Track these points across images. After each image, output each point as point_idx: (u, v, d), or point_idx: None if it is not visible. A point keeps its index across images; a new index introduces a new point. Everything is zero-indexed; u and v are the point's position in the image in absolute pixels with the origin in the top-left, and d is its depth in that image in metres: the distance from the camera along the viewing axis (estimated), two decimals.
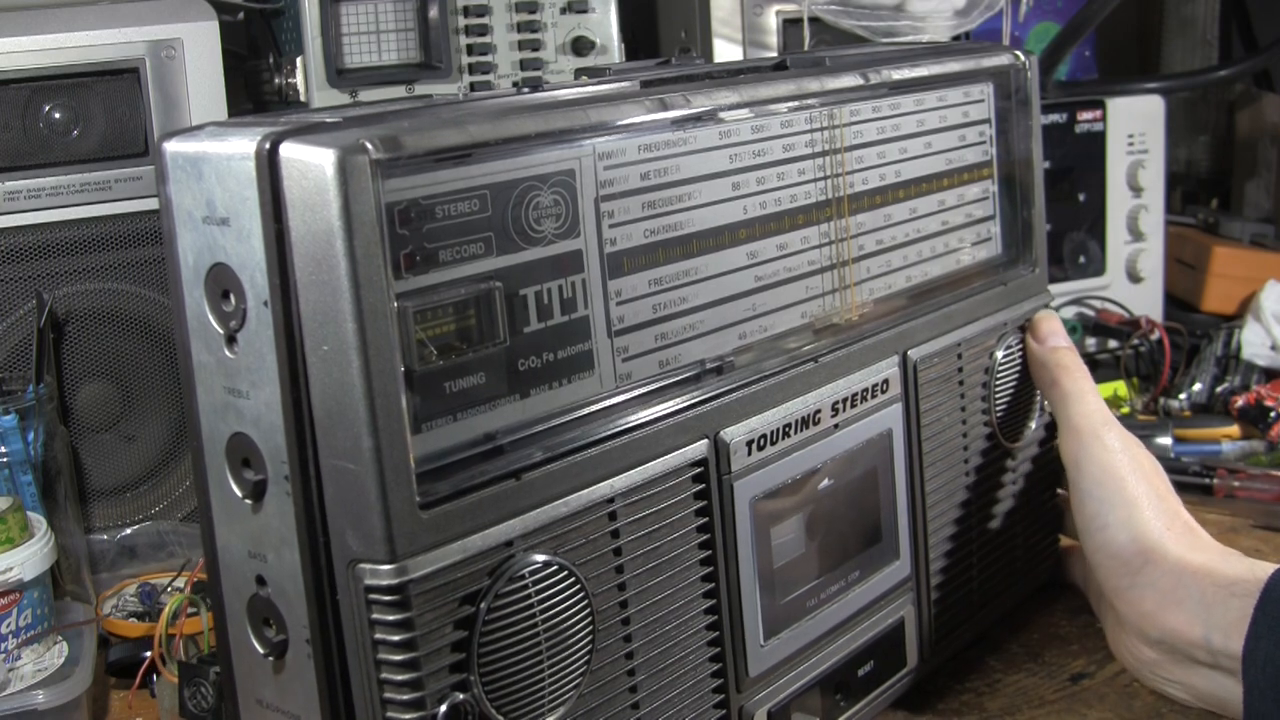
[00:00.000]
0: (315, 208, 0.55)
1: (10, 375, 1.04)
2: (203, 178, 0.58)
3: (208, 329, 0.60)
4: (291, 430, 0.57)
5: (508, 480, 0.61)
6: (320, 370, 0.56)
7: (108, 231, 1.07)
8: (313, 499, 0.58)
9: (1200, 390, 1.36)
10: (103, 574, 1.07)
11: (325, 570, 0.58)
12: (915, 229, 0.85)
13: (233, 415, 0.60)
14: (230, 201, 0.57)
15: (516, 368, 0.62)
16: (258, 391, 0.58)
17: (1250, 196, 1.67)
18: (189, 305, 0.61)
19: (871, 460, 0.81)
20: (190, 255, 0.60)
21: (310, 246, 0.55)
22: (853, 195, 0.80)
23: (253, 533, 0.61)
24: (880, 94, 0.82)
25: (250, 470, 0.60)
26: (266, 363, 0.58)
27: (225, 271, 0.58)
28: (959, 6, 1.30)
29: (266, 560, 0.60)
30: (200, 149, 0.58)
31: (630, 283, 0.67)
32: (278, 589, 0.60)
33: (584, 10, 1.19)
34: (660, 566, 0.68)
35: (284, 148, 0.55)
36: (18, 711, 0.82)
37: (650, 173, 0.68)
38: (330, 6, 1.11)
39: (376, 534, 0.56)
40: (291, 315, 0.56)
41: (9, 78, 1.04)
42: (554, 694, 0.62)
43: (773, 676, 0.75)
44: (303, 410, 0.57)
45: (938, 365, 0.85)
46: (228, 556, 0.62)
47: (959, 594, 0.89)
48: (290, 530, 0.59)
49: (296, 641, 0.60)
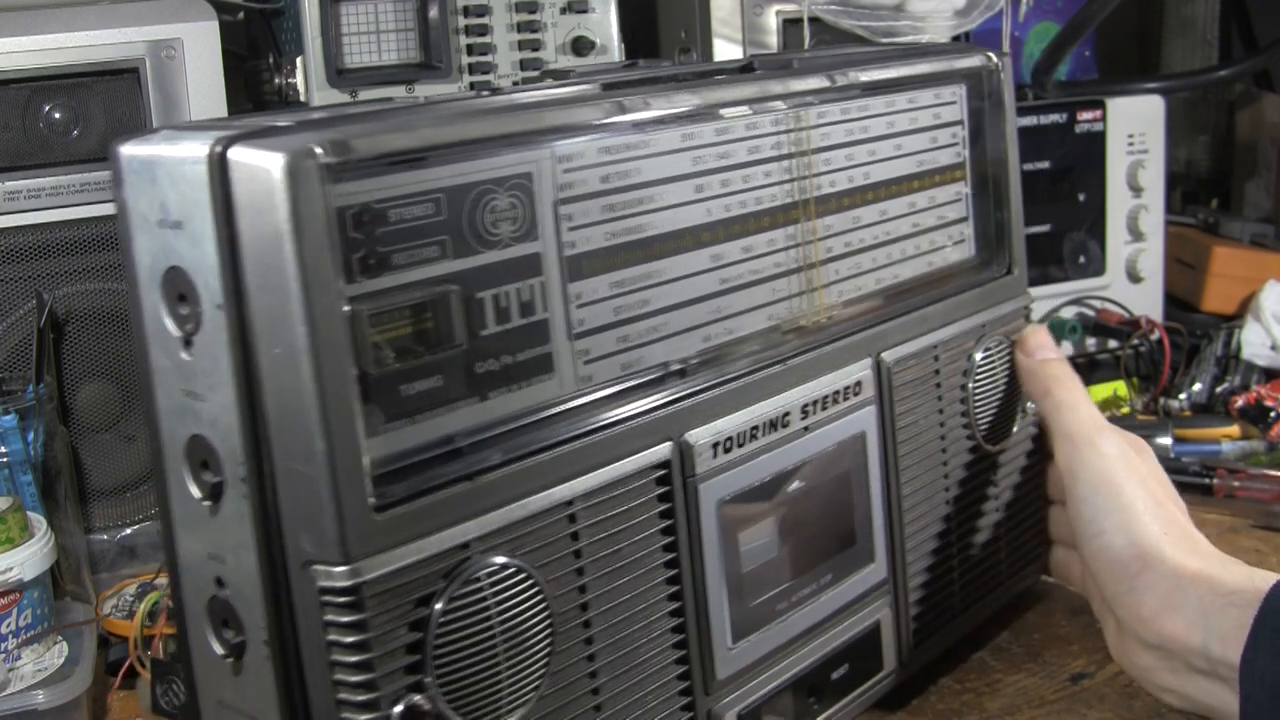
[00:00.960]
0: (264, 211, 0.55)
1: (10, 375, 1.04)
2: (156, 181, 0.58)
3: (164, 332, 0.60)
4: (247, 433, 0.58)
5: (464, 482, 0.61)
6: (273, 373, 0.56)
7: (108, 231, 1.07)
8: (268, 501, 0.58)
9: (1200, 390, 1.36)
10: (103, 574, 1.07)
11: (281, 572, 0.58)
12: (885, 231, 0.85)
13: (190, 417, 0.60)
14: (183, 205, 0.57)
15: (474, 371, 0.62)
16: (214, 394, 0.58)
17: (1250, 196, 1.67)
18: (146, 308, 0.61)
19: (844, 463, 0.81)
20: (146, 258, 0.60)
21: (260, 250, 0.55)
22: (820, 198, 0.80)
23: (211, 534, 0.61)
24: (849, 96, 0.81)
25: (209, 472, 0.60)
26: (221, 366, 0.58)
27: (180, 275, 0.58)
28: (959, 6, 1.30)
29: (225, 562, 0.60)
30: (153, 152, 0.58)
31: (591, 285, 0.67)
32: (236, 590, 0.60)
33: (584, 10, 1.19)
34: (622, 569, 0.68)
35: (233, 151, 0.56)
36: (18, 711, 0.82)
37: (611, 175, 0.68)
38: (330, 6, 1.11)
39: (329, 536, 0.57)
40: (244, 319, 0.57)
41: (9, 78, 1.04)
42: (513, 695, 0.63)
43: (743, 679, 0.75)
44: (257, 413, 0.57)
45: (913, 368, 0.85)
46: (188, 558, 0.62)
47: (940, 597, 0.88)
48: (247, 532, 0.59)
49: (255, 643, 0.60)
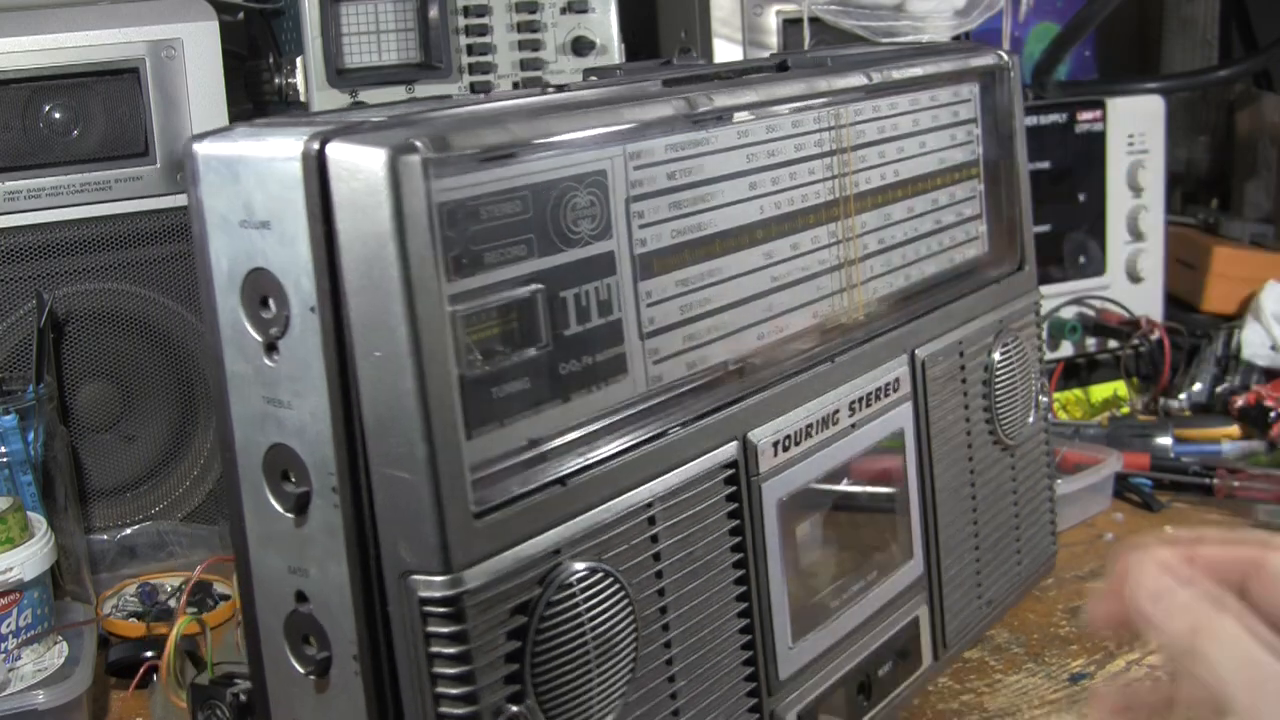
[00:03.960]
0: (366, 209, 0.53)
1: (10, 375, 1.04)
2: (240, 180, 0.56)
3: (244, 337, 0.58)
4: (341, 439, 0.55)
5: (554, 486, 0.60)
6: (372, 377, 0.54)
7: (108, 231, 1.07)
8: (363, 510, 0.56)
9: (1200, 390, 1.36)
10: (103, 574, 1.07)
11: (375, 583, 0.56)
12: (913, 228, 0.85)
13: (272, 426, 0.57)
14: (272, 204, 0.55)
15: (558, 372, 0.61)
16: (301, 401, 0.56)
17: (1250, 196, 1.67)
18: (222, 312, 0.58)
19: (886, 460, 0.81)
20: (224, 260, 0.57)
21: (360, 250, 0.54)
22: (857, 195, 0.80)
23: (293, 547, 0.58)
24: (880, 93, 0.82)
25: (291, 483, 0.58)
26: (312, 371, 0.56)
27: (265, 277, 0.56)
28: (959, 6, 1.30)
29: (309, 575, 0.58)
30: (237, 151, 0.56)
31: (660, 284, 0.66)
32: (321, 604, 0.58)
33: (584, 10, 1.19)
34: (696, 570, 0.67)
35: (332, 148, 0.54)
36: (18, 711, 0.82)
37: (676, 173, 0.67)
38: (330, 6, 1.11)
39: (430, 544, 0.55)
40: (341, 321, 0.55)
41: (9, 78, 1.04)
42: (603, 701, 0.61)
43: (801, 679, 0.75)
44: (353, 418, 0.55)
45: (942, 364, 0.86)
46: (263, 572, 0.60)
47: (967, 592, 0.89)
48: (337, 543, 0.57)
49: (342, 658, 0.58)
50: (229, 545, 1.11)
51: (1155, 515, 1.14)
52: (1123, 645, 0.92)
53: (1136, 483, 1.17)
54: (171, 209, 1.09)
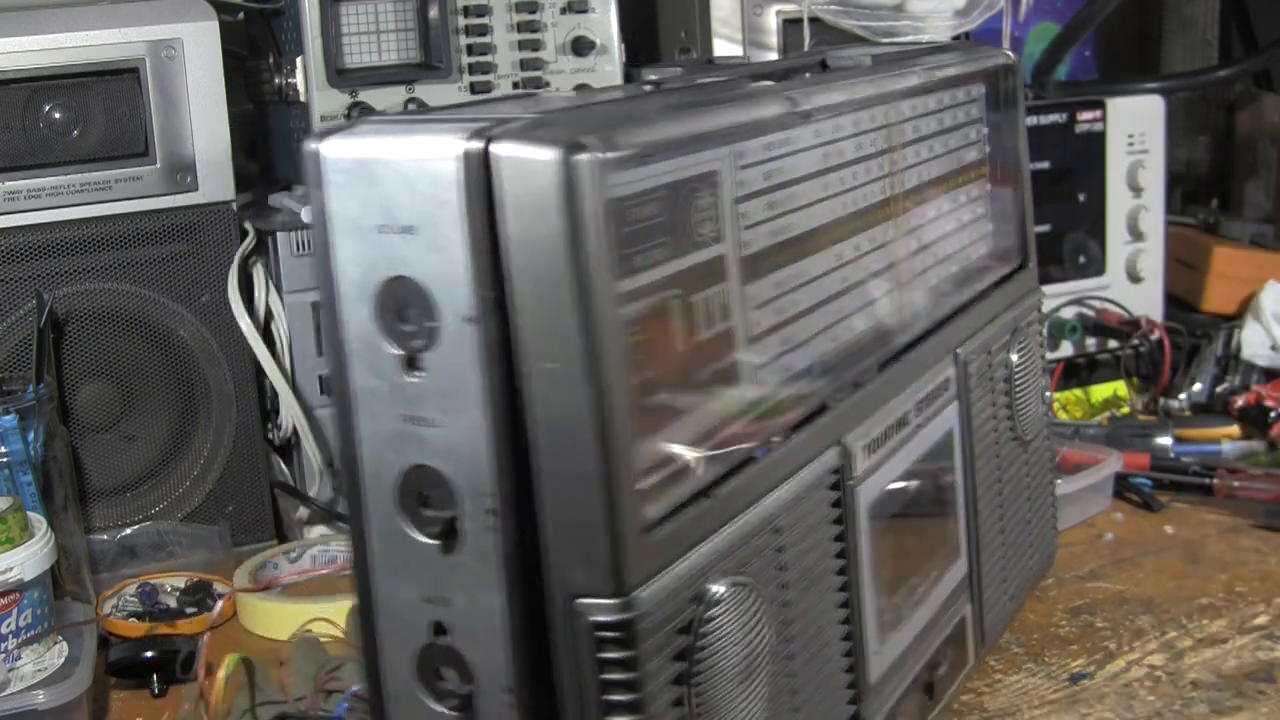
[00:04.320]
0: (538, 212, 0.50)
1: (10, 375, 1.04)
2: (379, 182, 0.52)
3: (376, 351, 0.53)
4: (502, 458, 0.52)
5: (701, 499, 0.58)
6: (543, 389, 0.51)
7: (108, 231, 1.07)
8: (525, 532, 0.52)
9: (1200, 390, 1.36)
10: (103, 574, 1.07)
11: (536, 610, 0.53)
12: (942, 227, 0.86)
13: (411, 447, 0.53)
14: (419, 207, 0.51)
15: (691, 380, 0.59)
16: (452, 419, 0.52)
17: (1250, 196, 1.67)
18: (350, 325, 0.54)
19: (941, 460, 0.82)
20: (354, 269, 0.53)
21: (531, 255, 0.50)
22: (904, 194, 0.80)
23: (433, 575, 0.54)
24: (917, 94, 0.82)
25: (433, 507, 0.54)
26: (467, 386, 0.52)
27: (407, 286, 0.52)
28: (959, 6, 1.30)
29: (450, 604, 0.54)
30: (375, 151, 0.52)
31: (761, 287, 0.64)
32: (466, 635, 0.54)
33: (584, 10, 1.19)
34: (811, 579, 0.66)
35: (499, 148, 0.50)
36: (18, 711, 0.82)
37: (772, 172, 0.65)
38: (330, 6, 1.11)
39: (603, 565, 0.52)
40: (507, 331, 0.51)
41: (9, 78, 1.04)
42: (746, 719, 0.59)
43: (884, 682, 0.74)
44: (517, 435, 0.51)
45: (976, 363, 0.86)
46: (392, 605, 0.56)
47: (998, 589, 0.90)
48: (490, 569, 0.53)
49: (490, 691, 0.54)
50: (228, 545, 1.11)
51: (1155, 515, 1.14)
52: (1123, 645, 0.92)
53: (1136, 483, 1.17)
54: (171, 209, 1.09)
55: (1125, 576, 1.02)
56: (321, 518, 1.17)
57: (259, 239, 1.14)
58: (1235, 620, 0.95)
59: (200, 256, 1.11)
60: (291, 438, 1.15)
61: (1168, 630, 0.94)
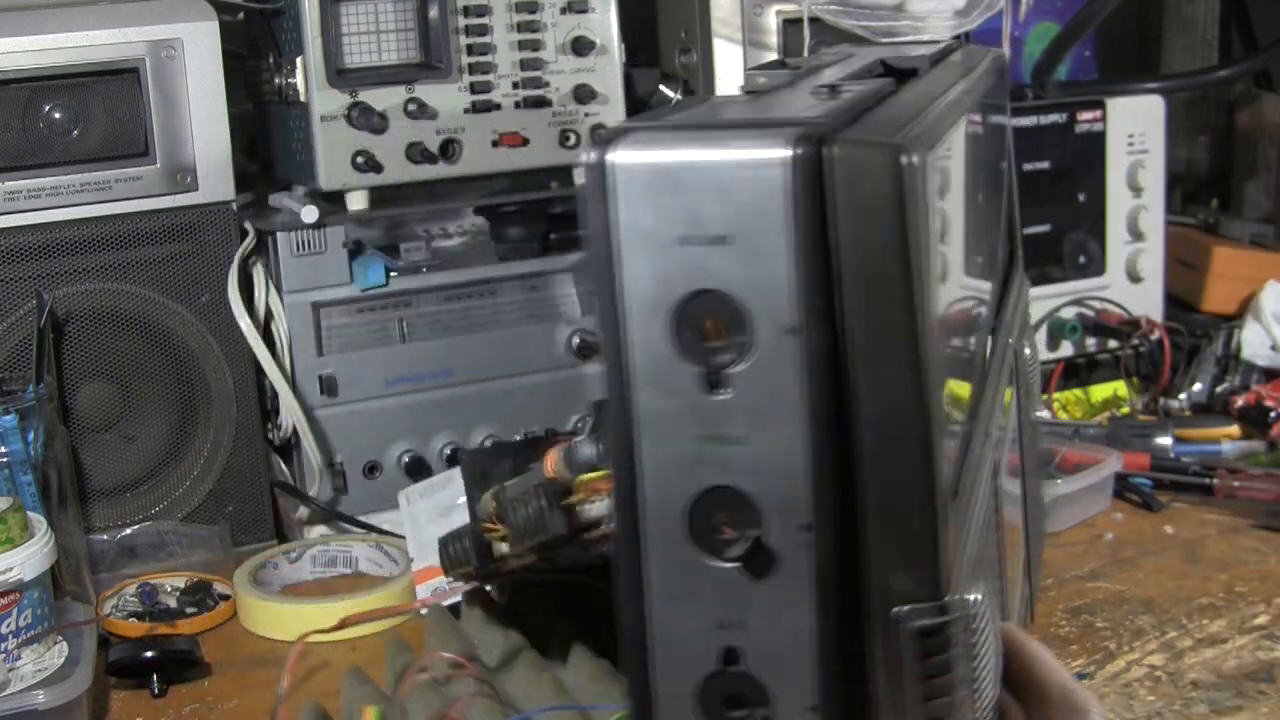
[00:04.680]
0: (874, 215, 0.48)
1: (10, 375, 1.04)
2: (685, 191, 0.50)
3: (672, 370, 0.51)
4: (822, 472, 0.50)
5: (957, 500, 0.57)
6: (873, 399, 0.49)
7: (108, 231, 1.08)
8: (844, 546, 0.51)
9: (1200, 390, 1.36)
10: (103, 574, 1.07)
11: (849, 624, 0.52)
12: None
13: (709, 468, 0.51)
14: (735, 216, 0.49)
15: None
16: (764, 435, 0.51)
17: (1250, 196, 1.67)
18: (638, 342, 0.51)
19: (1030, 460, 0.83)
20: (646, 284, 0.50)
21: (863, 261, 0.48)
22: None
23: (727, 600, 0.52)
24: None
25: (731, 529, 0.52)
26: (783, 400, 0.50)
27: (715, 300, 0.50)
28: (959, 6, 1.30)
29: (746, 628, 0.52)
30: (678, 158, 0.50)
31: (943, 289, 0.62)
32: (765, 659, 0.52)
33: (584, 10, 1.18)
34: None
35: (833, 150, 0.48)
36: (18, 711, 0.82)
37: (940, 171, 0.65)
38: (330, 6, 1.11)
39: (928, 572, 0.51)
40: (837, 341, 0.49)
41: (9, 78, 1.04)
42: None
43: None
44: (840, 447, 0.50)
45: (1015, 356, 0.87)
46: (671, 634, 0.53)
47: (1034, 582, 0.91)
48: (800, 586, 0.51)
49: (791, 713, 0.53)
50: (228, 545, 1.11)
51: (1155, 515, 1.14)
52: (1123, 645, 0.92)
53: (1136, 483, 1.17)
54: (171, 209, 1.09)
55: (1125, 576, 1.03)
56: (321, 518, 1.17)
57: (259, 239, 1.14)
58: (1235, 620, 0.95)
59: (200, 256, 1.11)
60: (291, 438, 1.16)
61: (1168, 630, 0.94)
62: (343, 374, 1.16)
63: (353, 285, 1.16)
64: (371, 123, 1.12)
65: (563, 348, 1.22)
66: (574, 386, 1.23)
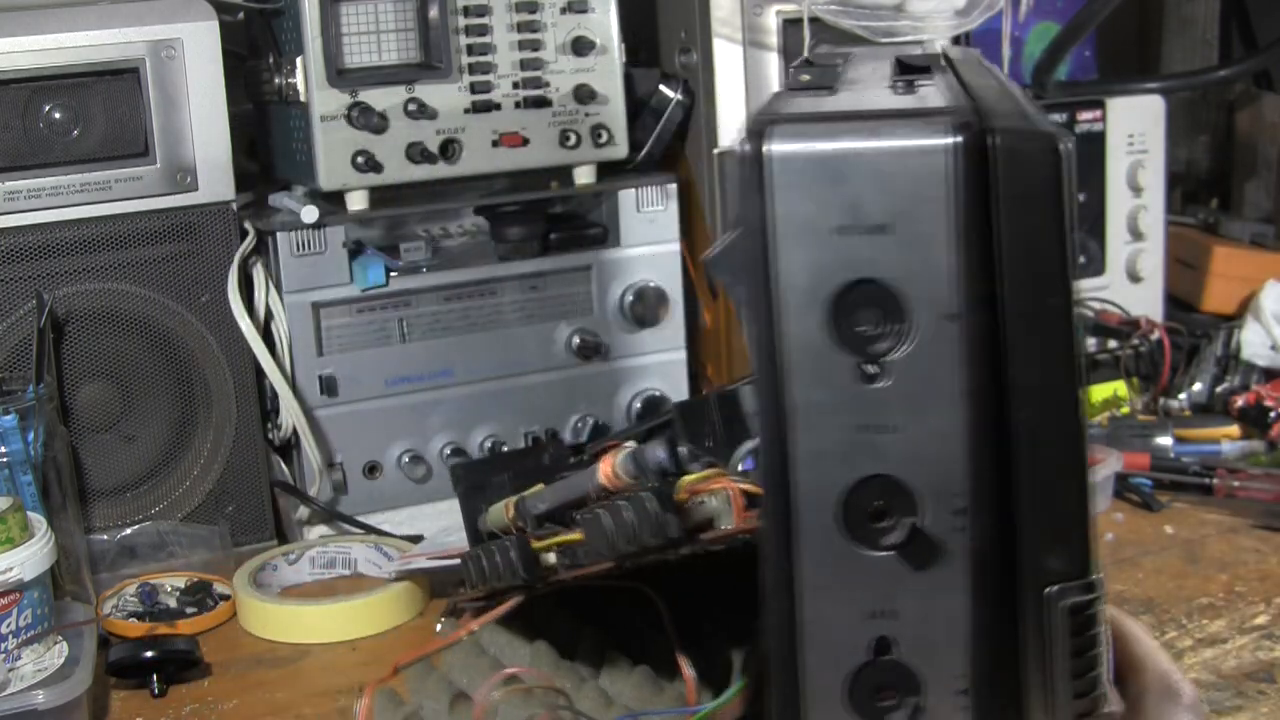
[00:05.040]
0: (1034, 202, 0.49)
1: (10, 375, 1.04)
2: (846, 180, 0.50)
3: (827, 360, 0.51)
4: (981, 454, 0.51)
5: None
6: (1033, 381, 0.50)
7: (108, 231, 1.07)
8: (999, 527, 0.51)
9: (1200, 390, 1.36)
10: (103, 574, 1.07)
11: (1005, 604, 0.52)
12: None
13: (864, 457, 0.51)
14: (896, 204, 0.49)
15: None
16: (919, 421, 0.51)
17: (1250, 196, 1.67)
18: (794, 336, 0.51)
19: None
20: (802, 276, 0.51)
21: (1020, 245, 0.49)
22: None
23: (881, 589, 0.53)
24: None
25: (886, 517, 0.52)
26: (944, 385, 0.50)
27: (873, 289, 0.50)
28: (959, 6, 1.30)
29: (900, 617, 0.53)
30: (839, 147, 0.50)
31: None
32: (919, 645, 0.53)
33: (584, 10, 1.18)
34: None
35: (995, 137, 0.49)
36: (18, 711, 0.82)
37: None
38: (330, 6, 1.11)
39: (1078, 549, 0.51)
40: (993, 326, 0.50)
41: (9, 78, 1.04)
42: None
43: None
44: (997, 431, 0.51)
45: None
46: (820, 629, 0.54)
47: None
48: (954, 570, 0.52)
49: (942, 698, 0.53)
50: (228, 545, 1.11)
51: (1155, 515, 1.14)
52: None
53: (1136, 483, 1.17)
54: (171, 209, 1.09)
55: (1125, 576, 1.03)
56: (321, 518, 1.17)
57: (259, 239, 1.14)
58: (1235, 620, 0.95)
59: (200, 256, 1.11)
60: (291, 438, 1.16)
61: (1168, 630, 0.94)
62: (343, 374, 1.16)
63: (353, 285, 1.16)
64: (371, 123, 1.12)
65: (563, 348, 1.22)
66: (574, 386, 1.23)
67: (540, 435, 1.21)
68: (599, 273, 1.23)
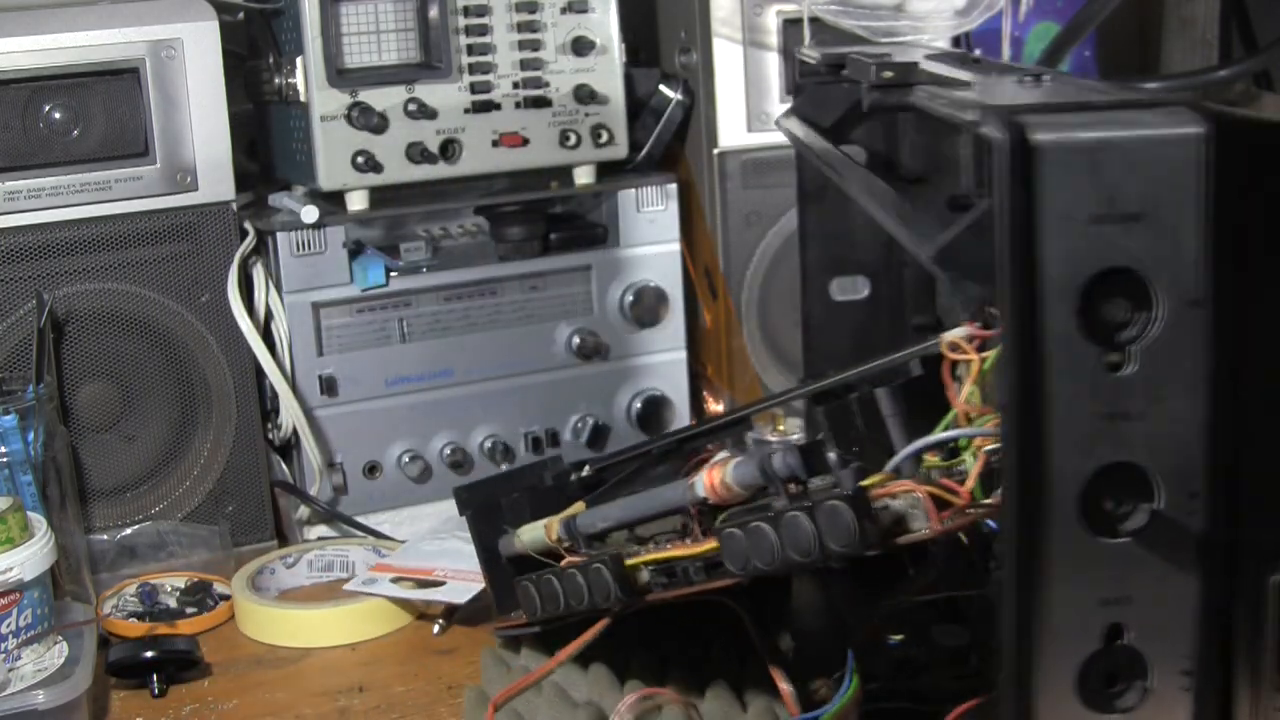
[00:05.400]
0: (1260, 189, 0.51)
1: (10, 375, 1.04)
2: (1101, 170, 0.50)
3: (1075, 350, 0.52)
4: (1217, 439, 0.52)
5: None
6: (1270, 364, 0.51)
7: (108, 231, 1.07)
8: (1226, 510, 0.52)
9: None
10: (103, 574, 1.07)
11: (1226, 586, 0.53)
12: None
13: (1106, 445, 0.52)
14: (1149, 193, 0.50)
15: None
16: (1158, 408, 0.52)
17: None
18: (1048, 327, 0.52)
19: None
20: (1057, 266, 0.51)
21: (1260, 233, 0.51)
22: None
23: (1115, 576, 0.53)
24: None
25: (1124, 504, 0.53)
26: (1185, 371, 0.51)
27: (1123, 276, 0.51)
28: (959, 6, 1.30)
29: (1131, 602, 0.53)
30: (1097, 136, 0.51)
31: None
32: (1150, 630, 0.54)
33: (584, 10, 1.18)
34: None
35: (1233, 130, 0.50)
36: (18, 711, 0.82)
37: None
38: (330, 6, 1.11)
39: None
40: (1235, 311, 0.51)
41: (9, 78, 1.04)
42: None
43: None
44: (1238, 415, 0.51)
45: None
46: (1053, 618, 0.54)
47: None
48: (1185, 553, 0.53)
49: (1168, 680, 0.54)
50: (228, 545, 1.11)
51: None
52: None
53: None
54: (171, 209, 1.09)
55: None
56: (321, 518, 1.17)
57: (259, 239, 1.14)
58: None
59: (200, 256, 1.11)
60: (291, 438, 1.16)
61: None
62: (343, 374, 1.16)
63: (353, 285, 1.16)
64: (371, 123, 1.12)
65: (563, 348, 1.22)
66: (574, 386, 1.23)
67: (540, 435, 1.21)
68: (599, 273, 1.23)
